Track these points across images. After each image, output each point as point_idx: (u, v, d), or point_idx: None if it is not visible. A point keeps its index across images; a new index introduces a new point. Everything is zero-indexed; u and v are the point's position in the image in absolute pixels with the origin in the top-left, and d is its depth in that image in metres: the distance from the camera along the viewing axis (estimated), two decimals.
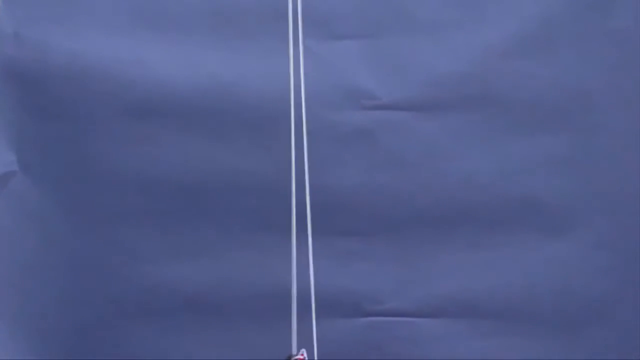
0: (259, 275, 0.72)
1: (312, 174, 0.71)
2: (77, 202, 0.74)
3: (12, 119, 0.73)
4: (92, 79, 0.72)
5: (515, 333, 0.74)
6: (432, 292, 0.74)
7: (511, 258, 0.74)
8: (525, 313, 0.74)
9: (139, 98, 0.73)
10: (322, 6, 0.71)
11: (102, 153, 0.74)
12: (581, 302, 0.74)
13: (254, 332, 0.73)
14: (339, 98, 0.73)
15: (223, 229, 0.74)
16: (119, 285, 0.74)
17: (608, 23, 0.72)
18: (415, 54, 0.73)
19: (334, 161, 0.74)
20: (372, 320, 0.75)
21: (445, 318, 0.74)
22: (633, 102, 0.72)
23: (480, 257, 0.74)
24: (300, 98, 0.64)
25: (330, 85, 0.73)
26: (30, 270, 0.74)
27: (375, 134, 0.73)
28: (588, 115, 0.72)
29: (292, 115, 0.61)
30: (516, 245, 0.74)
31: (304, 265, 0.69)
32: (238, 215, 0.73)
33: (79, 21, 0.73)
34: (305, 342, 0.70)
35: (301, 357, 0.66)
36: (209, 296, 0.74)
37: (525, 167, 0.73)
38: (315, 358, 0.66)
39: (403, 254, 0.74)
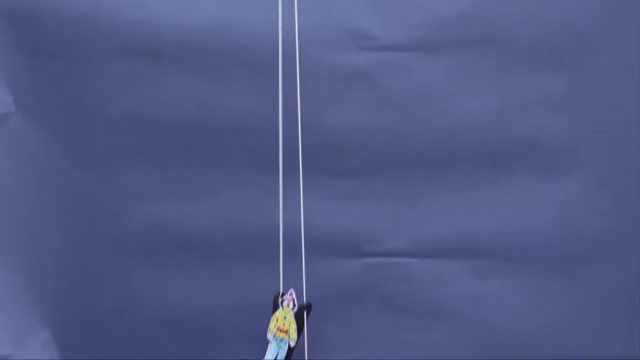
0: (255, 215, 0.73)
1: (310, 115, 0.71)
2: (75, 143, 0.75)
3: (9, 61, 0.73)
4: (89, 19, 0.72)
5: (513, 273, 0.74)
6: (429, 233, 0.74)
7: (509, 198, 0.73)
8: (524, 253, 0.74)
9: (136, 38, 0.72)
10: None
11: (98, 93, 0.74)
12: (579, 241, 0.73)
13: (249, 270, 0.74)
14: (337, 39, 0.72)
15: (219, 169, 0.74)
16: (117, 224, 0.75)
17: None
18: None
19: (332, 102, 0.73)
20: (369, 261, 0.75)
21: (442, 258, 0.74)
22: (633, 43, 0.71)
23: (479, 197, 0.74)
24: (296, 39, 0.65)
25: (329, 27, 0.72)
26: (29, 209, 0.75)
27: (374, 75, 0.72)
28: (588, 55, 0.71)
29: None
30: (515, 186, 0.73)
31: (294, 204, 0.70)
32: (234, 155, 0.73)
33: None
34: (299, 281, 0.71)
35: (290, 296, 0.66)
36: (206, 235, 0.75)
37: (525, 108, 0.72)
38: (305, 297, 0.67)
39: (401, 195, 0.74)
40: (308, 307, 0.68)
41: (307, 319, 0.67)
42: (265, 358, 0.69)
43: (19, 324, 0.74)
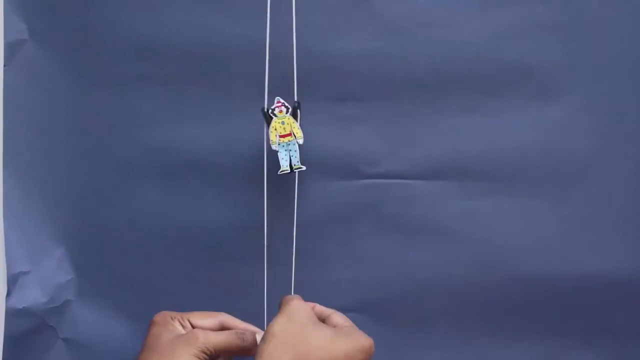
0: (258, 140, 0.75)
1: (311, 41, 0.73)
2: (85, 68, 0.77)
3: None
4: None
5: (504, 193, 0.77)
6: (426, 155, 0.77)
7: (502, 122, 0.76)
8: (515, 174, 0.77)
9: None
10: None
11: (108, 20, 0.76)
12: (568, 163, 0.77)
13: (253, 191, 0.76)
14: None
15: (224, 94, 0.77)
16: (128, 146, 0.78)
17: None
18: None
19: (332, 29, 0.75)
20: (368, 182, 0.78)
21: (438, 179, 0.78)
22: None
23: (473, 121, 0.77)
24: None
25: None
26: (42, 133, 0.78)
27: (372, 1, 0.75)
28: None
29: None
30: (507, 110, 0.76)
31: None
32: (239, 81, 0.76)
33: None
34: (303, 202, 0.74)
35: (278, 102, 0.69)
36: (211, 158, 0.77)
37: (517, 34, 0.75)
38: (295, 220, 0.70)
39: (398, 119, 0.77)
40: (298, 104, 0.71)
41: (300, 116, 0.71)
42: (282, 168, 0.72)
43: (34, 243, 0.78)
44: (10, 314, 0.77)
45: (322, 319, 0.70)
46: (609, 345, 0.79)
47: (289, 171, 0.72)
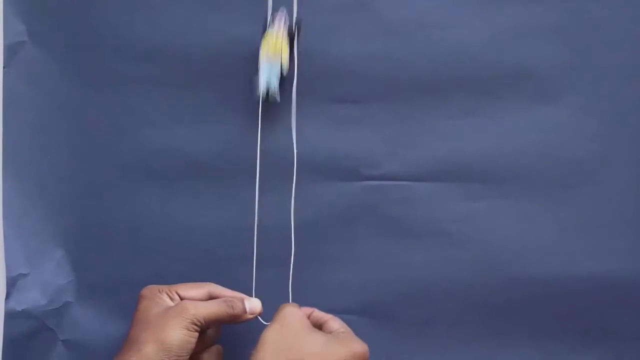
0: (256, 142, 0.75)
1: (310, 42, 0.73)
2: (85, 70, 0.77)
3: None
4: None
5: (504, 195, 0.77)
6: (425, 157, 0.77)
7: (501, 124, 0.76)
8: (514, 176, 0.77)
9: None
10: None
11: (108, 22, 0.76)
12: (568, 165, 0.76)
13: (252, 193, 0.76)
14: None
15: (222, 96, 0.77)
16: (127, 148, 0.78)
17: None
18: None
19: (332, 30, 0.75)
20: (368, 184, 0.78)
21: (438, 181, 0.77)
22: None
23: (472, 123, 0.77)
24: None
25: None
26: (42, 135, 0.78)
27: (372, 4, 0.75)
28: None
29: None
30: (507, 112, 0.76)
31: (296, 131, 0.72)
32: (238, 83, 0.76)
33: None
34: (302, 204, 0.74)
35: (280, 14, 0.68)
36: (210, 159, 0.77)
37: (517, 36, 0.75)
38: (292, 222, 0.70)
39: (398, 120, 0.77)
40: (298, 26, 0.69)
41: (297, 41, 0.70)
42: (260, 87, 0.71)
43: (34, 245, 0.78)
44: (10, 316, 0.77)
45: (319, 325, 0.71)
46: (609, 347, 0.79)
47: (265, 101, 0.71)
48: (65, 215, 0.79)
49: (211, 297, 0.70)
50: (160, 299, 0.68)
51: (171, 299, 0.68)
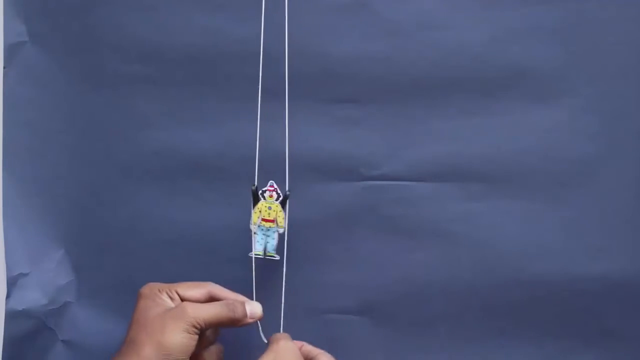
0: (255, 142, 0.75)
1: (310, 42, 0.73)
2: (85, 70, 0.77)
3: None
4: None
5: (505, 195, 0.77)
6: (425, 157, 0.77)
7: (501, 124, 0.76)
8: (513, 176, 0.77)
9: None
10: None
11: (107, 22, 0.76)
12: (568, 165, 0.76)
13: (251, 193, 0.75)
14: None
15: (223, 96, 0.77)
16: (127, 149, 0.78)
17: None
18: None
19: (331, 30, 0.75)
20: (368, 184, 0.78)
21: (438, 181, 0.77)
22: None
23: (471, 123, 0.76)
24: None
25: None
26: (42, 135, 0.78)
27: (372, 4, 0.75)
28: None
29: None
30: (506, 112, 0.76)
31: (296, 131, 0.72)
32: (237, 83, 0.76)
33: None
34: (302, 204, 0.74)
35: (271, 187, 0.69)
36: (210, 160, 0.77)
37: (517, 36, 0.75)
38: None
39: (398, 121, 0.77)
40: (288, 194, 0.72)
41: (287, 207, 0.72)
42: (255, 250, 0.72)
43: (34, 245, 0.78)
44: (10, 315, 0.77)
45: (309, 359, 0.71)
46: (609, 348, 0.79)
47: (262, 256, 0.72)
48: (65, 215, 0.79)
49: (211, 297, 0.70)
50: (160, 298, 0.67)
51: (171, 298, 0.68)
